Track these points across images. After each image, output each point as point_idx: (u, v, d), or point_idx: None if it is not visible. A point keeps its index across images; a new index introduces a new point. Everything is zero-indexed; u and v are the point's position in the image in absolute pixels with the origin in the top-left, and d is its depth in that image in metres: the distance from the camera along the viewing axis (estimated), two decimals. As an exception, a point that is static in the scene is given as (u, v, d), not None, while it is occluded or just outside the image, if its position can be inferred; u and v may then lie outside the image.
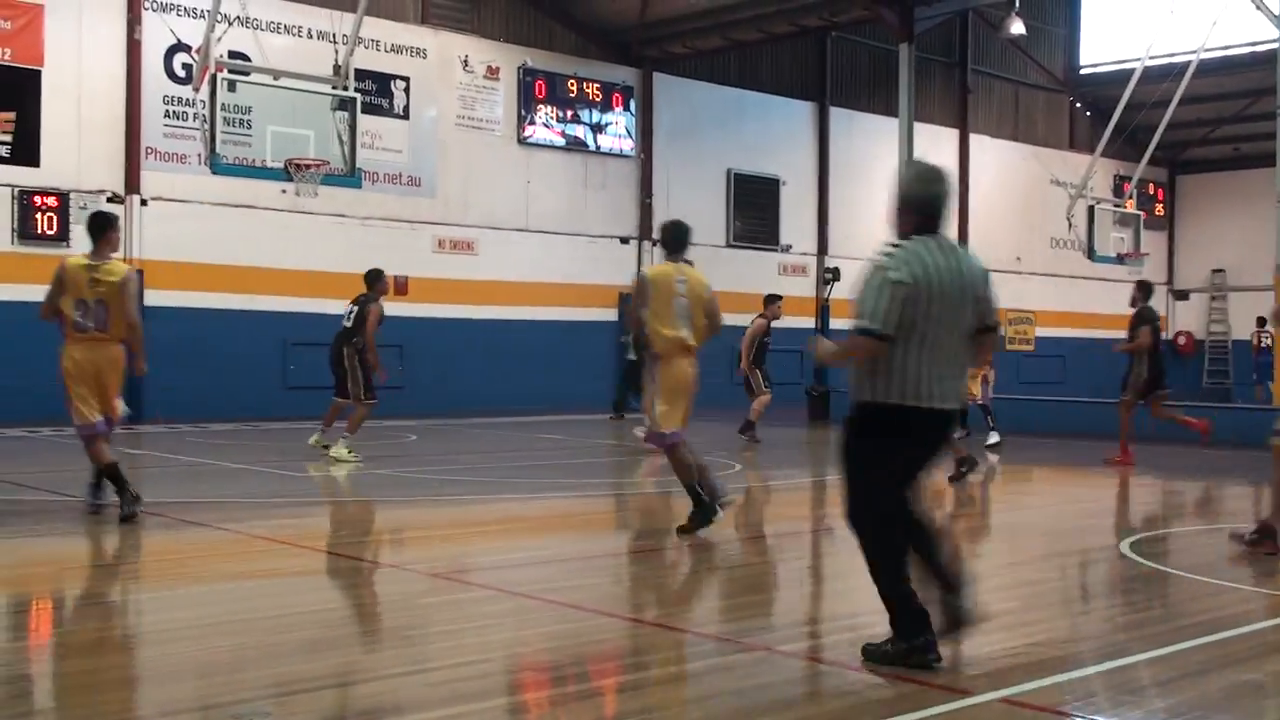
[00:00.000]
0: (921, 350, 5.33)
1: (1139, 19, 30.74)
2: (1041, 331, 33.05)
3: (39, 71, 18.70)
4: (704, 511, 8.89)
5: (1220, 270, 36.32)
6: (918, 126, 23.89)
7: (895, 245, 5.41)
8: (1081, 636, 6.34)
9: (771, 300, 17.95)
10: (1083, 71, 34.35)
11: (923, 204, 5.46)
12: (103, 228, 9.55)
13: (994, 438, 16.73)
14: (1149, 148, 24.99)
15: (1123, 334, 15.50)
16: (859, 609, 7.01)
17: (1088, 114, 33.98)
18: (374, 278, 14.50)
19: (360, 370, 14.13)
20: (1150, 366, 14.91)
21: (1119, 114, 23.74)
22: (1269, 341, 31.24)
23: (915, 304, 5.27)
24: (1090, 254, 24.37)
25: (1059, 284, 33.25)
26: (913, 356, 5.33)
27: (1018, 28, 28.32)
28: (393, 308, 20.57)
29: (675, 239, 9.54)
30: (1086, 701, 5.11)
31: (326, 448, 14.08)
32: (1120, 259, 25.04)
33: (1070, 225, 24.49)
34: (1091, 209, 24.13)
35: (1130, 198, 27.21)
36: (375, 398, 14.31)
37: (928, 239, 5.39)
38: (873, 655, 5.48)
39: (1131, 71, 23.99)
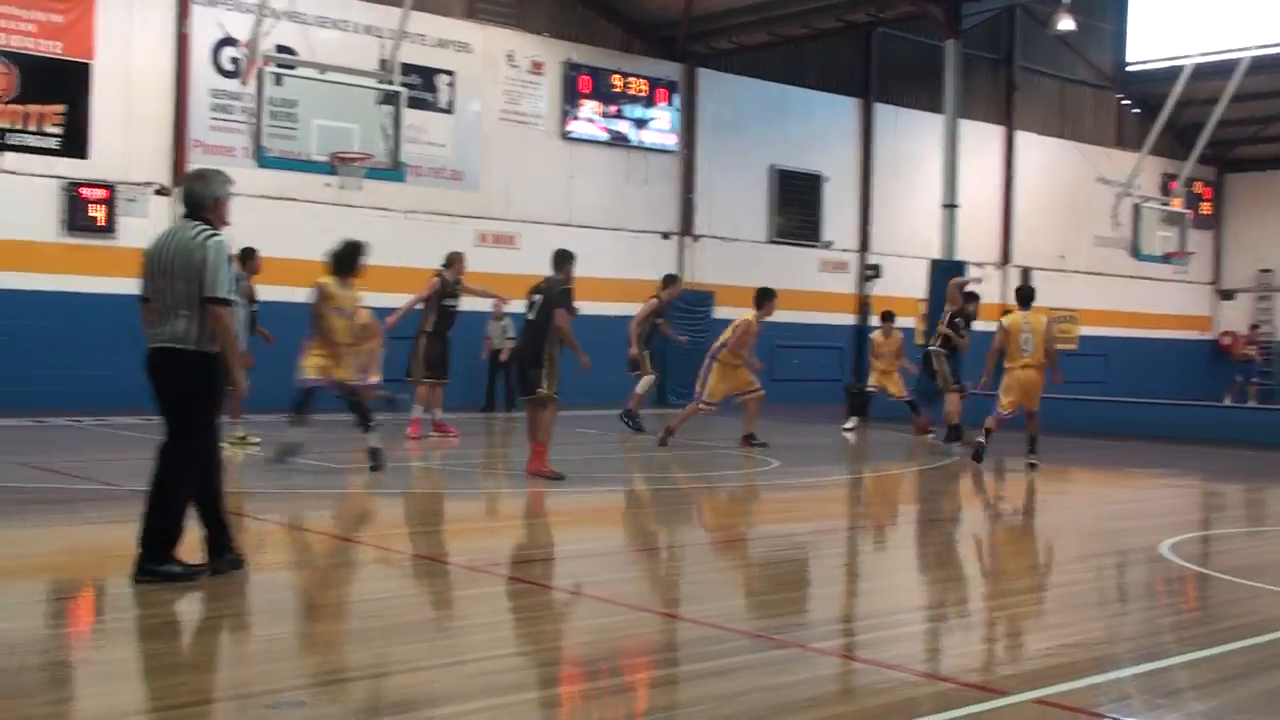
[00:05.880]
0: None
1: (1189, 15, 30.46)
2: (1085, 330, 32.80)
3: (89, 65, 18.91)
4: None
5: (1268, 270, 35.90)
6: (963, 123, 23.76)
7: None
8: (1117, 638, 6.30)
9: (670, 281, 18.40)
10: (1131, 68, 33.99)
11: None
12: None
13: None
14: (1197, 146, 24.72)
15: (1165, 334, 15.39)
16: (893, 607, 7.02)
17: (1135, 111, 33.66)
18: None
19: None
20: None
21: (1167, 111, 23.51)
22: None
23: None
24: (1135, 253, 24.15)
25: (1103, 282, 32.97)
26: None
27: (1066, 23, 28.12)
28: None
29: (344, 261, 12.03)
30: (1121, 703, 5.09)
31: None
32: (1166, 258, 24.80)
33: (1116, 223, 24.28)
34: (1138, 207, 23.92)
35: (1177, 196, 26.95)
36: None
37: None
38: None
39: (1181, 68, 23.76)
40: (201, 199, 6.88)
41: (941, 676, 5.43)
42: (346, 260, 12.12)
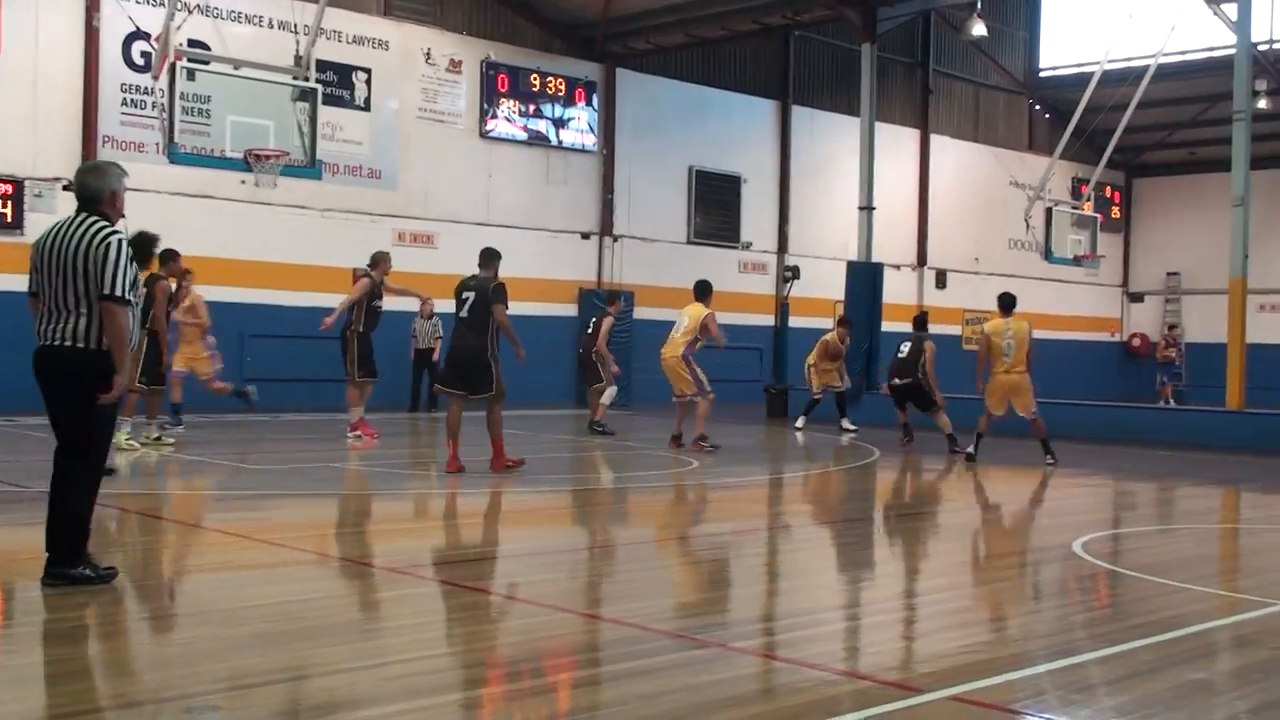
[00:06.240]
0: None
1: (1098, 23, 31.06)
2: (998, 332, 33.21)
3: (-6, 57, 18.50)
4: None
5: (1175, 273, 36.72)
6: (879, 126, 24.01)
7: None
8: (1032, 635, 6.40)
9: (615, 298, 19.08)
10: (1042, 74, 34.62)
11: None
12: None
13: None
14: (1106, 151, 25.23)
15: (1077, 335, 15.74)
16: (813, 606, 7.07)
17: (1047, 116, 34.25)
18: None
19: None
20: None
21: (1078, 117, 23.95)
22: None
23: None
24: (1047, 255, 24.58)
25: (1016, 284, 33.22)
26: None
27: (979, 29, 28.52)
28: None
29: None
30: (1036, 699, 5.17)
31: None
32: (1077, 260, 25.27)
33: (1028, 226, 24.70)
34: (1049, 211, 24.35)
35: (1087, 200, 27.47)
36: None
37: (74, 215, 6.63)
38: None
39: (1090, 75, 24.23)
40: (97, 193, 6.67)
41: (860, 675, 5.48)
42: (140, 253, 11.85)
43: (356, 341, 15.25)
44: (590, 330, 18.78)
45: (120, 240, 6.52)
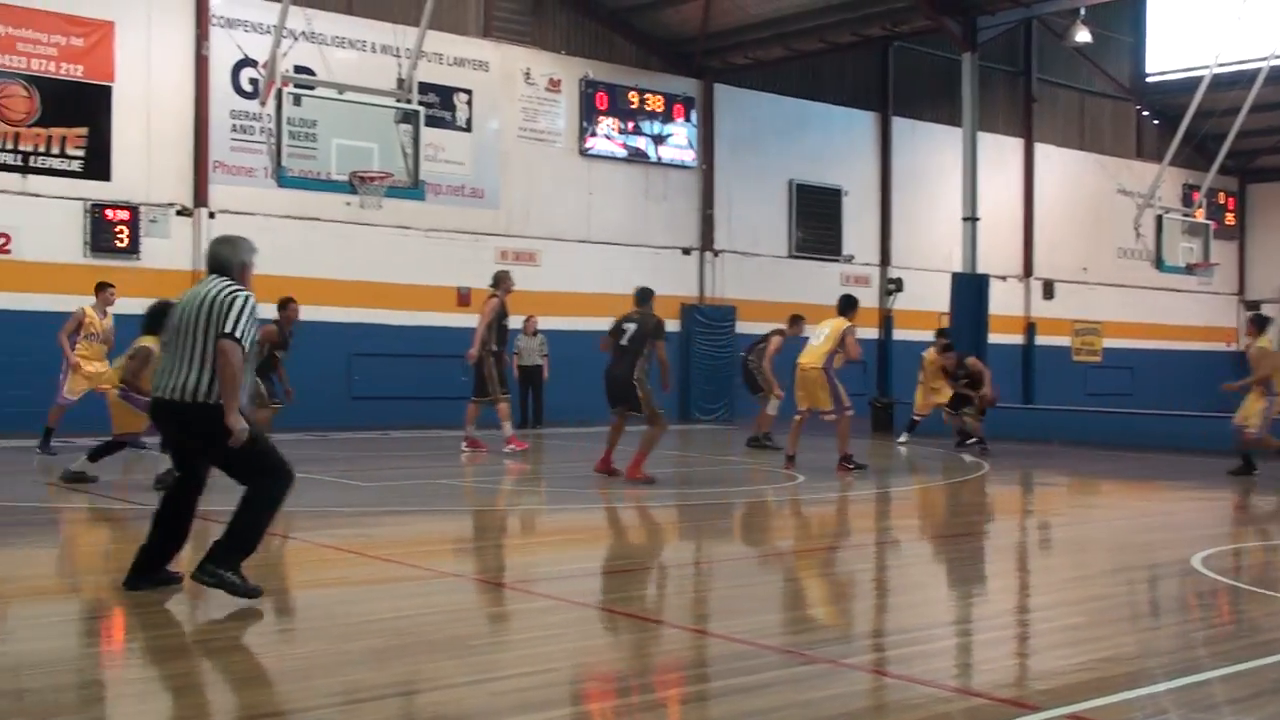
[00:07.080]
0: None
1: (1206, 26, 30.36)
2: (1109, 343, 32.64)
3: (110, 87, 19.05)
4: None
5: (1293, 280, 35.74)
6: (981, 136, 23.71)
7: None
8: (1151, 652, 6.23)
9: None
10: (1149, 79, 33.93)
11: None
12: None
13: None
14: (1218, 156, 24.62)
15: (1192, 345, 15.44)
16: (925, 622, 6.97)
17: (1155, 122, 33.55)
18: None
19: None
20: None
21: (1187, 122, 23.40)
22: None
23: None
24: (1159, 264, 24.03)
25: (1127, 294, 32.84)
26: None
27: (1083, 35, 28.08)
28: (456, 318, 20.77)
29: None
30: (1157, 718, 5.03)
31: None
32: (1189, 269, 24.69)
33: (1138, 235, 24.17)
34: (1160, 218, 23.81)
35: (1199, 207, 26.81)
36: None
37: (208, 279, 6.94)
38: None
39: (1199, 79, 23.66)
40: (229, 263, 6.98)
41: (974, 692, 5.38)
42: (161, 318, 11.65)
43: (494, 360, 15.64)
44: (759, 344, 18.93)
45: (248, 297, 6.79)
